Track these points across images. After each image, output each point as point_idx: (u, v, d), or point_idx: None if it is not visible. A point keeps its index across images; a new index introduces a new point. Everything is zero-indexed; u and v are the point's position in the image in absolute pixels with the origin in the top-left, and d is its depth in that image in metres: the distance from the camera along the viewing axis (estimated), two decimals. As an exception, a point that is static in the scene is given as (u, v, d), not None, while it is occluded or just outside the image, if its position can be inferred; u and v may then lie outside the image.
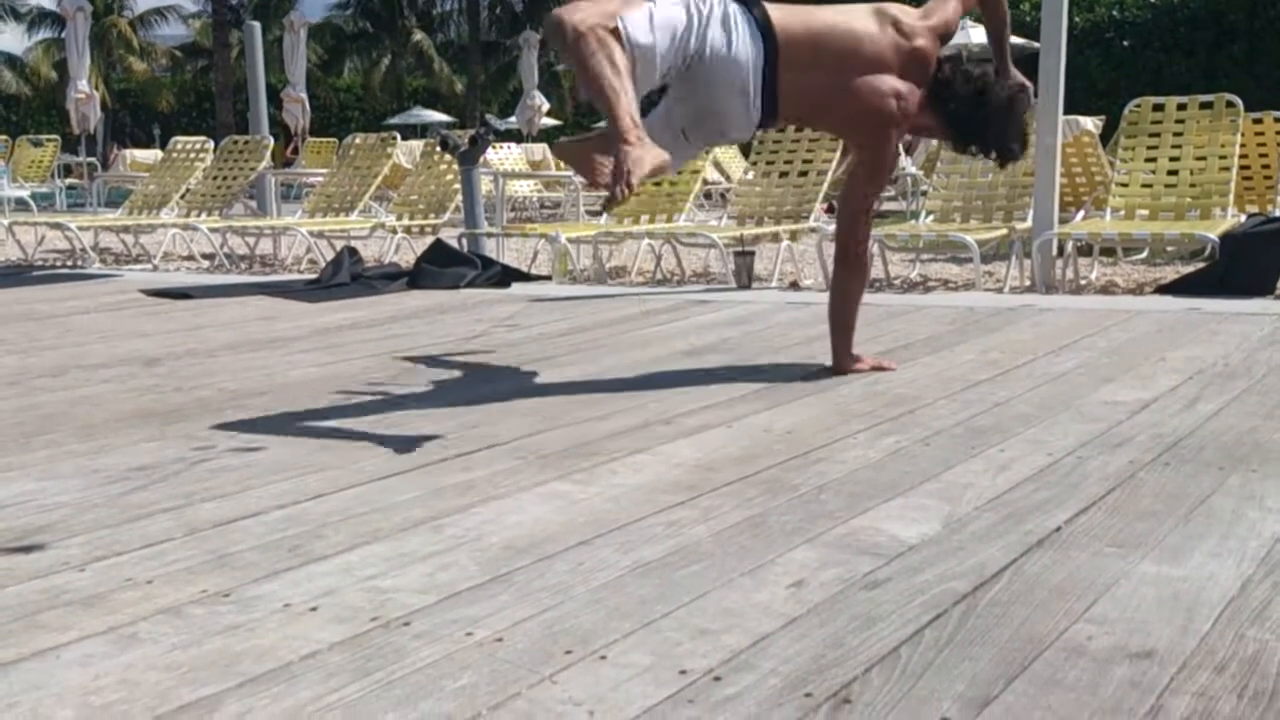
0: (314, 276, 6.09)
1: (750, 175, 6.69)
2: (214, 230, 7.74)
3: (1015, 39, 7.38)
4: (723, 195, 12.94)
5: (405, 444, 2.52)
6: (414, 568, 1.74)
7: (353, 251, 6.03)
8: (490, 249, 6.59)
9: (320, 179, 8.75)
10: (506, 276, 5.79)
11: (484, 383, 3.26)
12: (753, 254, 5.81)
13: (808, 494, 2.08)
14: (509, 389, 3.16)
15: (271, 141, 8.52)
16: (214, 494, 2.16)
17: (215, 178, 8.43)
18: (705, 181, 10.50)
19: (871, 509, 1.98)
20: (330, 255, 6.56)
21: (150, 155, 18.82)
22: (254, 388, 3.22)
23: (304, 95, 14.59)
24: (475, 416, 2.79)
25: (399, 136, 8.44)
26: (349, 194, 7.87)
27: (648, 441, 2.50)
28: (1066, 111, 6.04)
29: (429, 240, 6.58)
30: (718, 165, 14.27)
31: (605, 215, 6.98)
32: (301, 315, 4.83)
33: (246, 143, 8.51)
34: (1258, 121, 6.69)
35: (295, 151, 16.24)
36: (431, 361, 3.62)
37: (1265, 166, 6.77)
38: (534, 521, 1.95)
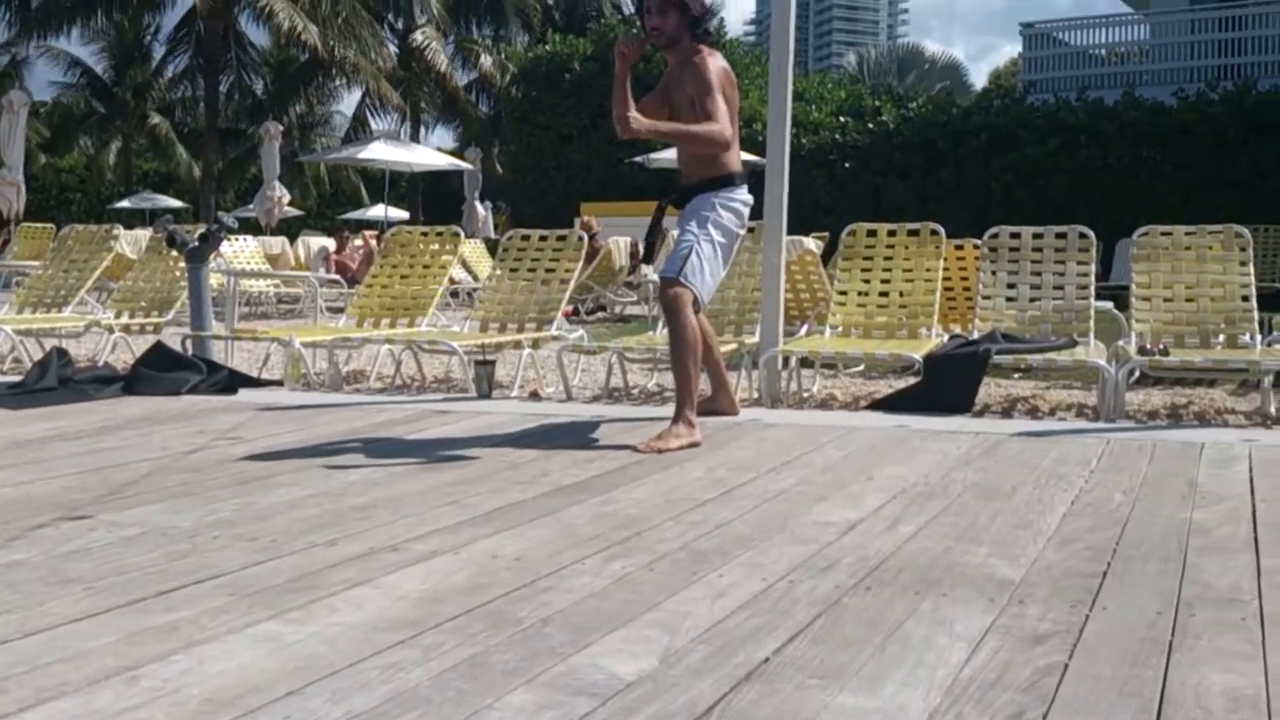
0: (18, 379, 5.66)
1: (499, 272, 6.74)
2: (-96, 324, 7.09)
3: (750, 155, 7.82)
4: (469, 295, 12.95)
5: (101, 579, 2.36)
6: (103, 728, 1.62)
7: (62, 353, 5.65)
8: (218, 352, 6.32)
9: (33, 270, 8.20)
10: (233, 382, 5.56)
11: (201, 505, 3.10)
12: (493, 362, 5.83)
13: (531, 628, 2.08)
14: (228, 512, 3.01)
15: (-23, 230, 7.93)
16: (-125, 645, 1.95)
17: (-91, 266, 7.75)
18: (451, 280, 10.50)
19: (594, 643, 2.00)
20: (39, 355, 6.13)
21: None
22: (-64, 512, 2.95)
23: (20, 178, 13.69)
24: (185, 545, 2.65)
25: (122, 227, 8.03)
26: (63, 288, 7.39)
27: (372, 571, 2.44)
28: (795, 227, 6.43)
29: (150, 340, 6.26)
30: (465, 264, 14.31)
31: (345, 316, 6.85)
32: None
33: (-52, 230, 7.89)
34: (959, 247, 7.30)
35: (7, 240, 15.16)
36: (142, 480, 3.42)
37: (966, 289, 7.38)
38: (240, 669, 1.86)
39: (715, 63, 4.23)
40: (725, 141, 4.21)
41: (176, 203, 34.12)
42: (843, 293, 6.15)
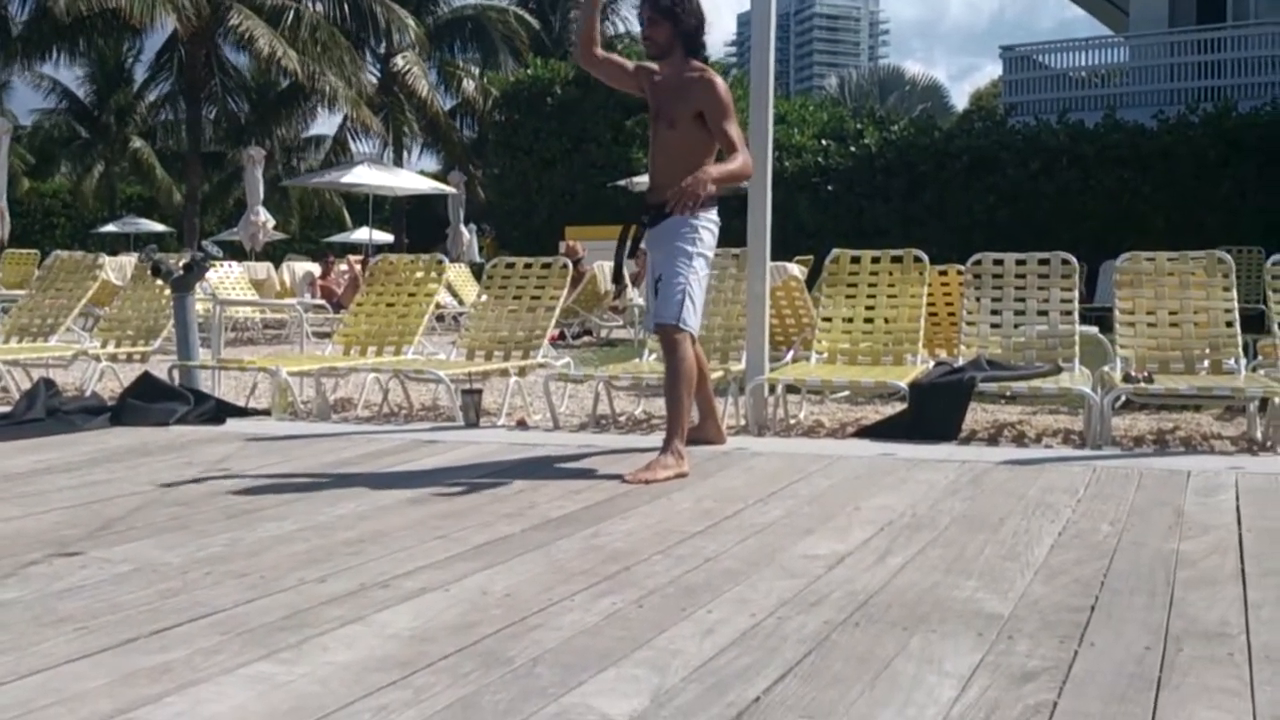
0: (5, 410, 5.64)
1: (485, 298, 6.75)
2: (-112, 354, 7.06)
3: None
4: (455, 319, 12.95)
5: (94, 618, 2.35)
6: (97, 776, 1.62)
7: (49, 384, 5.63)
8: (205, 380, 6.32)
9: (19, 298, 8.17)
10: (221, 412, 5.56)
11: (191, 540, 3.10)
12: (480, 391, 5.84)
13: (522, 667, 2.09)
14: (219, 547, 3.01)
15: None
16: None
17: (-107, 295, 7.72)
18: (437, 305, 10.51)
19: (585, 682, 2.01)
20: (26, 384, 6.12)
21: None
22: (-76, 551, 2.94)
23: (3, 204, 13.65)
24: (178, 582, 2.65)
25: (106, 255, 8.02)
26: (49, 317, 7.38)
27: (363, 609, 2.44)
28: (779, 249, 6.44)
29: (137, 369, 6.25)
30: (450, 289, 14.31)
31: (332, 344, 6.85)
32: (-14, 457, 4.45)
33: (-68, 259, 7.86)
34: (943, 273, 7.35)
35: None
36: (132, 514, 3.41)
37: (951, 314, 7.43)
38: (234, 711, 1.86)
39: (722, 84, 4.31)
40: (751, 171, 4.40)
41: (160, 226, 34.07)
42: (828, 319, 6.18)
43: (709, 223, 4.34)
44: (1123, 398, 5.13)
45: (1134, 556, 2.89)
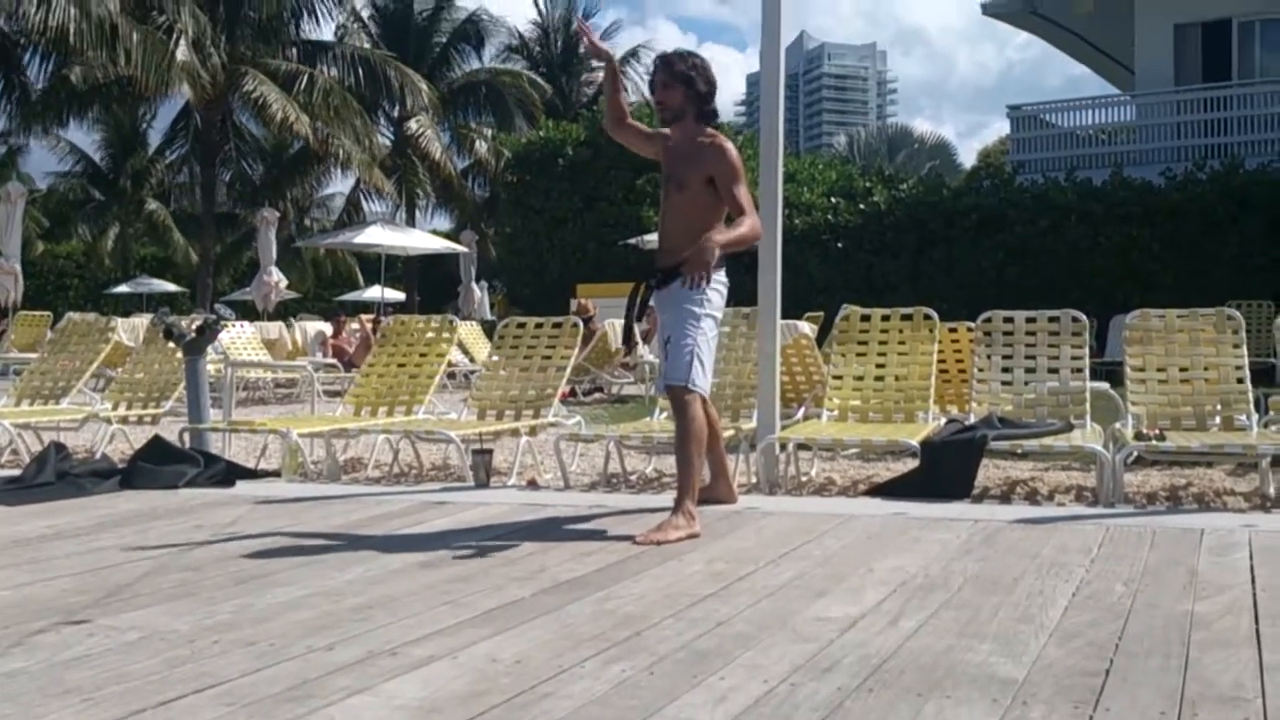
0: (15, 474, 5.65)
1: (496, 358, 6.77)
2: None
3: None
4: (466, 376, 12.97)
5: (100, 689, 2.34)
6: None
7: (60, 447, 5.66)
8: (216, 441, 6.32)
9: (31, 360, 8.22)
10: (231, 475, 5.56)
11: (200, 606, 3.09)
12: (491, 451, 5.84)
13: (531, 737, 2.07)
14: (227, 614, 3.00)
15: (-23, 323, 7.97)
16: None
17: (-92, 359, 7.78)
18: (448, 363, 10.53)
19: (594, 752, 1.98)
20: (38, 447, 6.13)
21: None
22: (-68, 618, 2.93)
23: (17, 267, 13.80)
24: (185, 651, 2.63)
25: (119, 318, 8.07)
26: (60, 380, 7.41)
27: (370, 678, 2.42)
28: (789, 305, 6.43)
29: (148, 429, 6.27)
30: (462, 346, 14.36)
31: (342, 404, 6.87)
32: (-3, 522, 4.45)
33: (-53, 323, 7.92)
34: (953, 330, 7.35)
35: (4, 330, 15.21)
36: (141, 580, 3.40)
37: (961, 370, 7.42)
38: (241, 785, 1.85)
39: (733, 150, 4.37)
40: (759, 235, 4.43)
41: (174, 287, 34.35)
42: (838, 376, 6.18)
43: (717, 284, 4.36)
44: (1135, 454, 5.10)
45: (1148, 618, 2.86)
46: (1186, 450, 5.01)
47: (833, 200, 19.73)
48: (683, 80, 4.38)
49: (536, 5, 37.39)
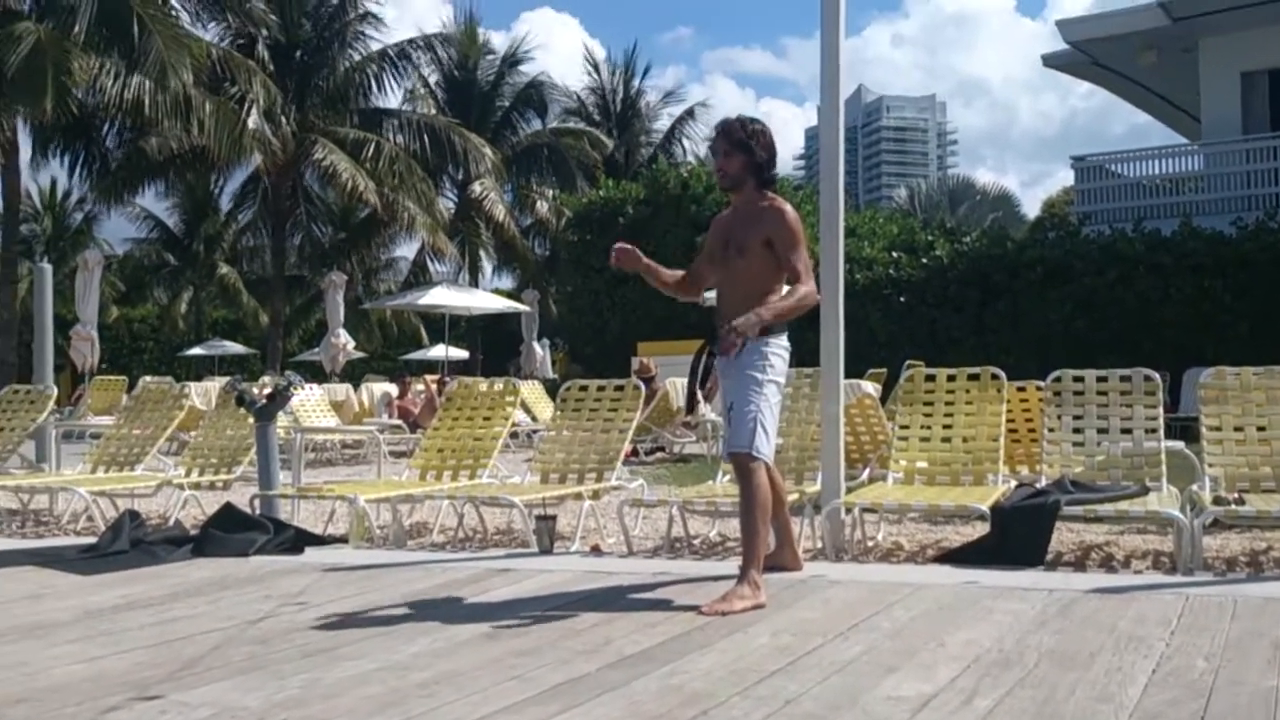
0: (91, 541, 5.75)
1: (558, 422, 6.79)
2: (-17, 484, 7.27)
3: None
4: (529, 435, 13.02)
5: (175, 769, 2.36)
6: None
7: (134, 515, 5.76)
8: (285, 506, 6.40)
9: (106, 425, 8.41)
10: (300, 541, 5.62)
11: (269, 680, 3.10)
12: (554, 517, 5.84)
13: (599, 824, 2.04)
14: (295, 689, 3.01)
15: (54, 392, 8.17)
16: None
17: (-10, 427, 7.98)
18: (513, 424, 10.59)
19: (663, 841, 1.95)
20: (113, 513, 6.25)
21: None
22: (9, 693, 2.98)
23: (94, 333, 14.16)
24: (255, 729, 2.65)
25: (192, 384, 8.24)
26: (135, 446, 7.56)
27: (437, 759, 2.42)
28: (851, 361, 6.33)
29: (220, 495, 6.36)
30: (524, 406, 14.44)
31: (408, 468, 6.92)
32: (72, 592, 4.53)
33: (28, 392, 8.14)
34: (1021, 389, 7.24)
35: (81, 394, 15.59)
36: (212, 654, 3.44)
37: (1031, 430, 7.30)
38: None
39: (792, 213, 4.38)
40: (817, 301, 4.45)
41: (244, 349, 35.06)
42: (904, 438, 6.11)
43: (779, 349, 4.36)
44: (1213, 519, 4.96)
45: (1232, 696, 2.77)
46: (1267, 515, 4.87)
47: (894, 254, 19.63)
48: (743, 149, 4.41)
49: (593, 71, 37.72)
